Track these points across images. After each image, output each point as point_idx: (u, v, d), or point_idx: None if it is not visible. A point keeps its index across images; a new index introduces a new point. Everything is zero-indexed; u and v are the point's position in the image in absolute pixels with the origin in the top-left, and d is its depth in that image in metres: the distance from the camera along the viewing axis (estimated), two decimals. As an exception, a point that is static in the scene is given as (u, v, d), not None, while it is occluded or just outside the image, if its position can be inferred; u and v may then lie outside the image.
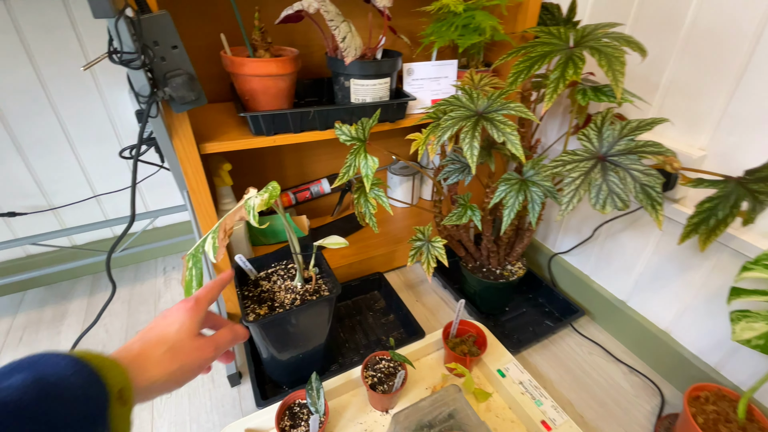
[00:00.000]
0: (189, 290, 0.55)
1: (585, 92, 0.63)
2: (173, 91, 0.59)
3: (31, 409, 0.22)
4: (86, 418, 0.24)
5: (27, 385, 0.23)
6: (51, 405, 0.23)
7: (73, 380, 0.25)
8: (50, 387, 0.24)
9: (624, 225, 0.88)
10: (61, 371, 0.25)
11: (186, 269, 0.55)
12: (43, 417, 0.22)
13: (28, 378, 0.24)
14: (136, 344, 0.33)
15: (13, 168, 0.92)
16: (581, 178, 0.57)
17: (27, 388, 0.23)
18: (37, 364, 0.25)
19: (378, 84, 0.79)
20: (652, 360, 0.88)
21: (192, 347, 0.35)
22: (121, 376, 0.28)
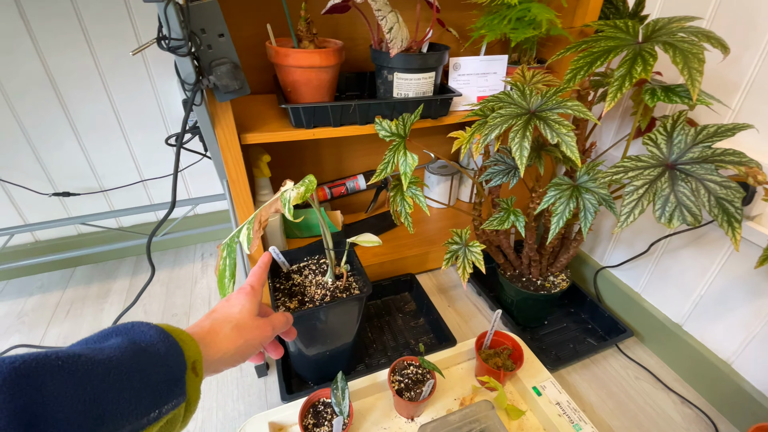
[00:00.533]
0: (222, 279, 0.54)
1: (654, 92, 0.57)
2: (217, 79, 0.59)
3: (128, 366, 0.26)
4: (169, 381, 0.28)
5: (124, 347, 0.27)
6: (143, 365, 0.27)
7: (160, 347, 0.29)
8: (142, 351, 0.28)
9: (685, 241, 0.80)
10: (150, 339, 0.29)
11: (220, 258, 0.55)
12: (136, 374, 0.26)
13: (125, 341, 0.28)
14: (206, 322, 0.38)
15: (70, 150, 0.97)
16: (645, 187, 0.51)
17: (124, 349, 0.27)
18: (130, 331, 0.29)
19: (422, 78, 0.75)
20: (708, 392, 0.80)
21: (253, 325, 0.40)
22: (195, 349, 0.31)
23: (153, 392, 0.27)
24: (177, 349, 0.29)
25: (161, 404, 0.27)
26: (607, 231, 0.98)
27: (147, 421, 0.26)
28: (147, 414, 0.26)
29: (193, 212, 1.17)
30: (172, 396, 0.28)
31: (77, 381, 0.23)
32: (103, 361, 0.25)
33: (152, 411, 0.26)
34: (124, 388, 0.25)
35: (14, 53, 0.83)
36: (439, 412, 0.73)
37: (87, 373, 0.24)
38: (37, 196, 0.99)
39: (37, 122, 0.91)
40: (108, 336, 0.28)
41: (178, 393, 0.28)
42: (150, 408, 0.26)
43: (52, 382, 0.22)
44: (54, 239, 1.07)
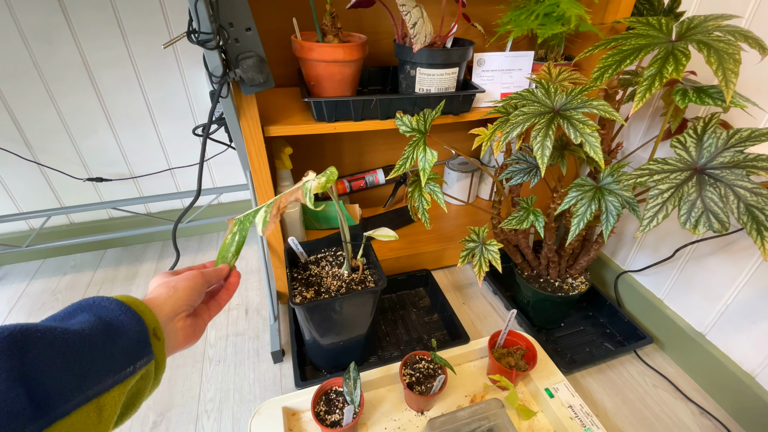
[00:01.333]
0: (224, 252, 0.53)
1: (686, 93, 0.55)
2: (243, 72, 0.60)
3: (98, 337, 0.30)
4: (137, 346, 0.33)
5: (93, 321, 0.31)
6: (111, 335, 0.31)
7: (123, 319, 0.33)
8: (108, 324, 0.32)
9: (713, 248, 0.77)
10: (113, 313, 0.33)
11: (230, 233, 0.54)
12: (108, 342, 0.31)
13: (92, 317, 0.32)
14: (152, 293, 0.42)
15: (104, 138, 1.01)
16: (671, 191, 0.50)
17: (93, 323, 0.31)
18: (93, 307, 0.33)
19: (445, 74, 0.75)
20: (729, 404, 0.77)
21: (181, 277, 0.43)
22: (152, 318, 0.36)
23: (125, 353, 0.32)
24: (138, 320, 0.34)
25: (134, 361, 0.32)
26: (630, 234, 0.95)
27: (125, 374, 0.31)
28: (124, 369, 0.31)
29: (218, 201, 1.20)
30: (142, 355, 0.33)
31: (57, 347, 0.28)
32: (77, 332, 0.29)
33: (128, 366, 0.32)
34: (98, 353, 0.30)
35: (54, 43, 0.87)
36: (450, 408, 0.73)
37: (63, 341, 0.28)
38: (73, 180, 1.04)
39: (74, 109, 0.96)
40: (74, 313, 0.32)
41: (147, 352, 0.34)
42: (124, 365, 0.31)
43: (35, 348, 0.27)
44: (87, 222, 1.12)
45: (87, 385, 0.28)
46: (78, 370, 0.28)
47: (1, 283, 1.05)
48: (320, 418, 0.65)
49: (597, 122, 0.74)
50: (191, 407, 0.76)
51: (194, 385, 0.80)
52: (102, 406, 0.29)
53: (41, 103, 0.93)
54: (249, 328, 0.92)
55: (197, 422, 0.74)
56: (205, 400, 0.77)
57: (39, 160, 1.00)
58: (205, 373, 0.82)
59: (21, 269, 1.10)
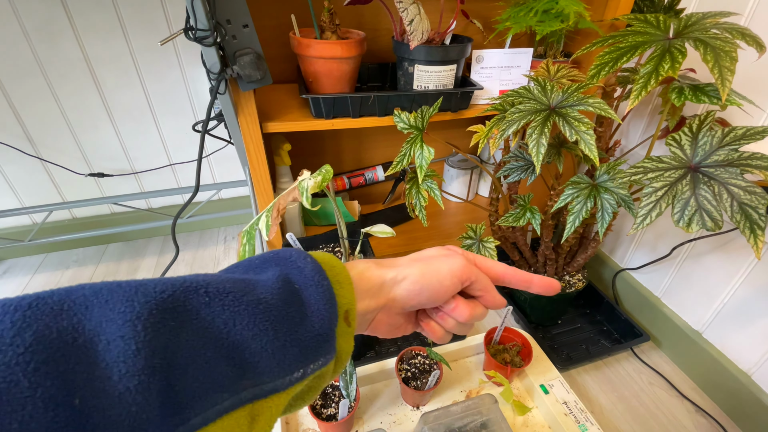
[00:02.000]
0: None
1: (682, 91, 0.55)
2: (241, 69, 0.61)
3: (277, 313, 0.22)
4: (318, 336, 0.24)
5: (277, 288, 0.23)
6: (293, 313, 0.23)
7: (312, 292, 0.24)
8: (295, 296, 0.24)
9: (710, 246, 0.77)
10: (305, 280, 0.25)
11: (241, 245, 0.57)
12: (285, 324, 0.22)
13: (279, 279, 0.24)
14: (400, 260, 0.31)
15: (105, 133, 1.02)
16: (664, 190, 0.50)
17: (277, 291, 0.23)
18: (287, 264, 0.25)
19: (443, 71, 0.75)
20: (724, 402, 0.77)
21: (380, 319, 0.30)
22: (350, 296, 0.26)
23: (299, 348, 0.23)
24: (330, 298, 0.25)
25: (307, 363, 0.23)
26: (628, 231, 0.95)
27: (290, 381, 0.22)
28: (291, 373, 0.22)
29: (218, 196, 1.21)
30: (319, 354, 0.24)
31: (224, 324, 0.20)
32: (252, 303, 0.22)
33: (297, 370, 0.23)
34: (271, 339, 0.21)
35: (55, 39, 0.88)
36: (445, 403, 0.74)
37: (237, 314, 0.21)
38: (75, 175, 1.05)
39: (75, 105, 0.97)
40: (266, 264, 0.25)
41: (327, 350, 0.24)
42: (294, 366, 0.23)
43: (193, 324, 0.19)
44: (89, 217, 1.13)
45: (242, 384, 0.20)
46: (237, 360, 0.20)
47: (5, 277, 1.06)
48: (316, 412, 0.66)
49: (595, 120, 0.74)
50: (190, 400, 0.77)
51: (193, 378, 0.81)
52: (256, 415, 0.21)
53: (43, 98, 0.94)
54: (248, 322, 0.93)
55: (196, 415, 0.75)
56: (204, 393, 0.78)
57: (41, 155, 1.01)
58: (204, 367, 0.83)
59: (24, 263, 1.11)
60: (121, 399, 0.16)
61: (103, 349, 0.17)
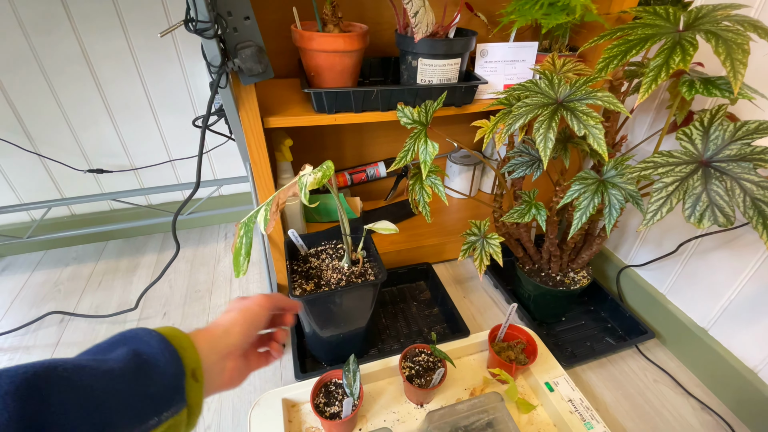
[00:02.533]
0: (237, 257, 0.56)
1: (692, 84, 0.54)
2: (242, 62, 0.59)
3: (129, 378, 0.27)
4: (169, 389, 0.29)
5: (128, 359, 0.28)
6: (143, 377, 0.28)
7: (160, 358, 0.30)
8: (143, 363, 0.29)
9: (717, 243, 0.76)
10: (153, 350, 0.30)
11: (237, 237, 0.56)
12: (137, 386, 0.28)
13: (128, 353, 0.29)
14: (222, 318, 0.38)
15: (104, 129, 1.01)
16: (675, 185, 0.49)
17: (127, 361, 0.28)
18: (134, 340, 0.30)
19: (447, 65, 0.74)
20: (730, 400, 0.77)
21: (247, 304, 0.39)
22: (194, 357, 0.32)
23: (153, 401, 0.28)
24: (176, 360, 0.30)
25: (160, 411, 0.29)
26: (633, 229, 0.94)
27: (146, 427, 0.28)
28: (146, 421, 0.28)
29: (218, 193, 1.20)
30: (171, 403, 0.29)
31: (81, 392, 0.24)
32: (107, 372, 0.26)
33: (152, 418, 0.28)
34: (125, 399, 0.26)
35: (53, 34, 0.87)
36: (449, 401, 0.73)
37: (90, 385, 0.25)
38: (74, 172, 1.04)
39: (74, 101, 0.95)
40: (115, 345, 0.30)
41: (178, 400, 0.30)
42: (150, 415, 0.28)
43: (58, 393, 0.23)
44: (88, 213, 1.12)
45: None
46: (98, 419, 0.25)
47: (4, 274, 1.05)
48: (319, 410, 0.65)
49: (601, 114, 0.73)
50: (192, 398, 0.76)
51: (195, 376, 0.80)
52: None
53: (41, 94, 0.92)
54: (249, 320, 0.92)
55: (198, 413, 0.74)
56: (206, 391, 0.77)
57: (40, 151, 0.99)
58: (206, 365, 0.82)
59: (24, 260, 1.10)
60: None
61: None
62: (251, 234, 0.56)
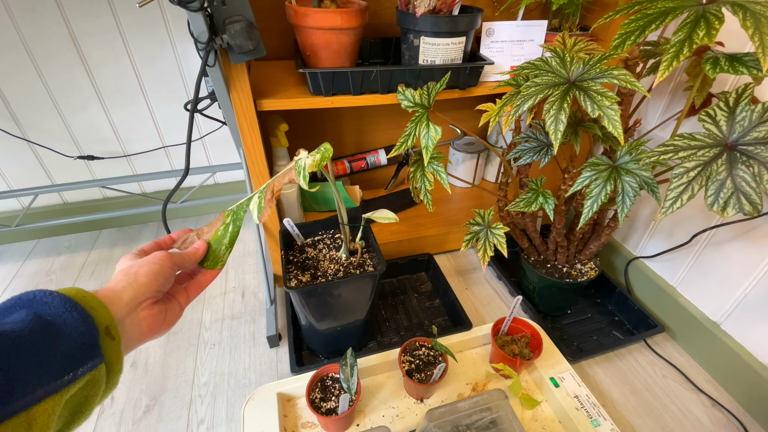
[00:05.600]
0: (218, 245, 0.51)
1: (717, 61, 0.50)
2: (231, 38, 0.56)
3: (33, 339, 0.26)
4: (82, 347, 0.28)
5: (27, 320, 0.27)
6: (49, 337, 0.27)
7: (66, 317, 0.28)
8: (47, 324, 0.27)
9: (734, 234, 0.72)
10: (55, 310, 0.28)
11: (222, 224, 0.51)
12: (43, 346, 0.26)
13: (29, 315, 0.27)
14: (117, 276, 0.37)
15: (94, 114, 0.97)
16: (698, 170, 0.45)
17: (28, 323, 0.27)
18: (33, 303, 0.29)
19: (451, 44, 0.70)
20: (742, 396, 0.74)
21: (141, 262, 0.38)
22: (106, 315, 0.31)
23: (63, 359, 0.27)
24: (85, 317, 0.29)
25: (75, 367, 0.28)
26: (643, 219, 0.91)
27: (61, 383, 0.27)
28: (60, 377, 0.27)
29: (214, 181, 1.17)
30: (87, 359, 0.28)
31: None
32: (6, 333, 0.25)
33: (65, 374, 0.27)
34: (31, 358, 0.26)
35: (37, 11, 0.82)
36: (450, 396, 0.71)
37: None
38: (64, 159, 1.00)
39: (62, 84, 0.92)
40: (10, 309, 0.28)
41: (94, 356, 0.29)
42: (62, 372, 0.27)
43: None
44: (81, 201, 1.09)
45: (13, 396, 0.24)
46: (2, 380, 0.24)
47: (-5, 263, 1.03)
48: (315, 406, 0.63)
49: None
50: (185, 391, 0.74)
51: (188, 369, 0.78)
52: (32, 420, 0.25)
53: (27, 77, 0.89)
54: (245, 311, 0.90)
55: (190, 407, 0.72)
56: (199, 385, 0.75)
57: (28, 137, 0.96)
58: (200, 357, 0.80)
59: (15, 249, 1.08)
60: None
61: None
62: (240, 223, 0.52)
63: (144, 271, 0.36)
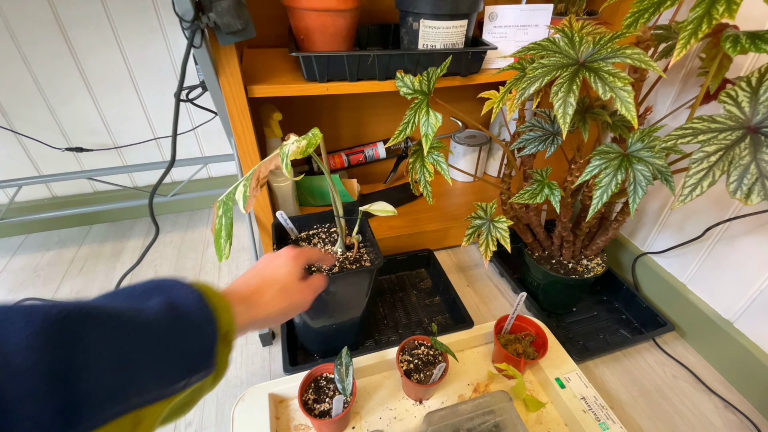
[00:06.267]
0: (218, 239, 0.50)
1: (737, 39, 0.46)
2: (218, 17, 0.52)
3: (165, 333, 0.26)
4: (200, 352, 0.28)
5: (164, 311, 0.26)
6: (178, 334, 0.26)
7: (196, 317, 0.28)
8: (180, 319, 0.27)
9: (749, 227, 0.69)
10: (189, 305, 0.28)
11: (216, 217, 0.50)
12: (171, 343, 0.26)
13: (165, 304, 0.27)
14: (254, 281, 0.38)
15: (83, 104, 0.94)
16: (719, 155, 0.42)
17: (164, 314, 0.26)
18: (171, 292, 0.28)
19: (452, 27, 0.66)
20: (756, 398, 0.71)
21: (297, 289, 0.40)
22: (229, 320, 0.31)
23: (184, 362, 0.26)
24: (211, 320, 0.29)
25: (190, 375, 0.27)
26: (652, 212, 0.87)
27: (172, 390, 0.26)
28: (174, 383, 0.26)
29: (208, 174, 1.14)
30: (201, 368, 0.27)
31: (116, 341, 0.23)
32: (143, 323, 0.25)
33: (180, 381, 0.26)
34: (158, 355, 0.25)
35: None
36: (450, 397, 0.68)
37: (127, 334, 0.23)
38: (52, 150, 0.97)
39: (49, 73, 0.88)
40: (150, 292, 0.28)
41: (208, 365, 0.28)
42: (178, 378, 0.26)
43: (92, 337, 0.21)
44: (70, 195, 1.06)
45: (129, 394, 0.23)
46: (126, 374, 0.23)
47: (-19, 259, 1.00)
48: (308, 408, 0.59)
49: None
50: (173, 392, 0.71)
51: (177, 368, 0.75)
52: (139, 421, 0.23)
53: (12, 65, 0.85)
54: (238, 308, 0.86)
55: (179, 408, 0.69)
56: (189, 385, 0.72)
57: (14, 127, 0.93)
58: (190, 356, 0.77)
59: (3, 244, 1.04)
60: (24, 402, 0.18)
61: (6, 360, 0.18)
62: (231, 213, 0.50)
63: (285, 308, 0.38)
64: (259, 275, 0.39)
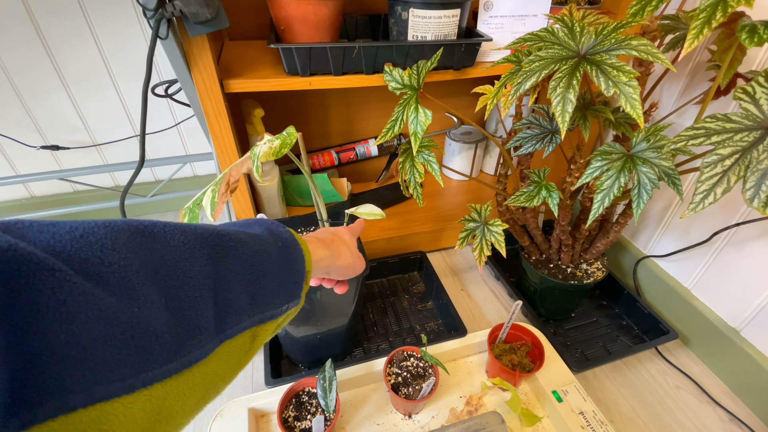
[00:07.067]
0: None
1: (754, 29, 0.42)
2: (184, 5, 0.48)
3: (276, 258, 0.28)
4: (297, 282, 0.29)
5: (271, 241, 0.28)
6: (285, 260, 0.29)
7: (293, 250, 0.30)
8: (284, 247, 0.29)
9: (757, 232, 0.65)
10: (287, 239, 0.30)
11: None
12: (281, 268, 0.28)
13: (269, 234, 0.29)
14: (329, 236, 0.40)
15: (58, 100, 0.89)
16: (735, 158, 0.38)
17: (272, 243, 0.28)
18: (269, 225, 0.30)
19: (444, 16, 0.61)
20: (763, 410, 0.67)
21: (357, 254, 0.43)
22: (310, 260, 0.32)
23: (288, 286, 0.29)
24: (302, 255, 0.30)
25: (290, 300, 0.29)
26: (655, 214, 0.83)
27: (279, 311, 0.28)
28: (282, 305, 0.28)
29: (193, 172, 1.09)
30: (296, 296, 0.29)
31: (242, 261, 0.25)
32: (261, 251, 0.27)
33: (284, 304, 0.28)
34: (275, 276, 0.27)
35: (-14, -16, 0.74)
36: (442, 411, 0.64)
37: (252, 257, 0.26)
38: (26, 149, 0.92)
39: (20, 66, 0.83)
40: (252, 225, 0.30)
41: (299, 295, 0.30)
42: (285, 300, 0.28)
43: (228, 256, 0.24)
44: (49, 195, 1.02)
45: (254, 310, 0.25)
46: (252, 291, 0.25)
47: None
48: (288, 426, 0.56)
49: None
50: (149, 405, 0.67)
51: (155, 379, 0.71)
52: (256, 336, 0.26)
53: (-21, 57, 0.81)
54: (221, 314, 0.83)
55: (155, 422, 0.65)
56: (166, 397, 0.68)
57: (-14, 124, 0.88)
58: (169, 366, 0.73)
59: (-21, 246, 1.00)
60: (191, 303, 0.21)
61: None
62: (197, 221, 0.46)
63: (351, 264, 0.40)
64: (327, 231, 0.42)
